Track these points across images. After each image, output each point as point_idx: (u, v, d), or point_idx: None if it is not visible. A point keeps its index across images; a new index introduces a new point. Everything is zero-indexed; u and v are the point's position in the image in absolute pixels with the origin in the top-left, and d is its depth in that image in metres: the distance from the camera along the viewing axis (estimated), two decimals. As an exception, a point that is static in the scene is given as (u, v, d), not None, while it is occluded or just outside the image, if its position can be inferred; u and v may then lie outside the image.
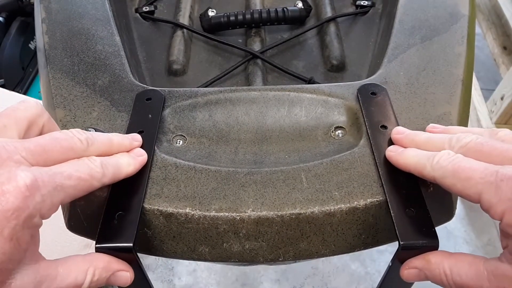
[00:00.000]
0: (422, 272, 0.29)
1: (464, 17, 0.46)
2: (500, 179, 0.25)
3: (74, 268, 0.28)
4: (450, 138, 0.31)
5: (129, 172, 0.32)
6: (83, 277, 0.28)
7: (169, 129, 0.38)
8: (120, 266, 0.29)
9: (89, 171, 0.28)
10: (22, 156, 0.26)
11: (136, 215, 0.31)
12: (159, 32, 0.54)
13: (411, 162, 0.31)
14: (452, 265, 0.28)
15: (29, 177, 0.25)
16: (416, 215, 0.30)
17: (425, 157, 0.30)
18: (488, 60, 1.52)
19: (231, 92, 0.40)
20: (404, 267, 0.30)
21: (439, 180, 0.29)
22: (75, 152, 0.29)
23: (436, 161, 0.29)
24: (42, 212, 0.25)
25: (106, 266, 0.29)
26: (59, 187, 0.26)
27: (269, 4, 0.59)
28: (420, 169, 0.30)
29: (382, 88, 0.40)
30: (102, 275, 0.29)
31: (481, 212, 0.28)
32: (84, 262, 0.28)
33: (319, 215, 0.32)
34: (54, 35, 0.44)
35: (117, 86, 0.40)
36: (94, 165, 0.29)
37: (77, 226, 0.35)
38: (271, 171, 0.34)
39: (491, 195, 0.26)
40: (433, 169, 0.29)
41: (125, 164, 0.32)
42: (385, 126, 0.36)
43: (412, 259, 0.30)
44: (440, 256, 0.29)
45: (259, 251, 0.33)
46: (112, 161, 0.31)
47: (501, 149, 0.28)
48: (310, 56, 0.52)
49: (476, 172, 0.27)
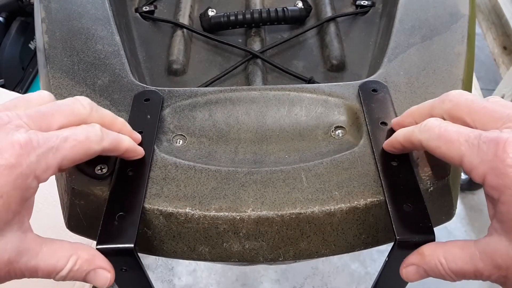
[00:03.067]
0: (421, 268, 0.29)
1: (464, 17, 0.46)
2: (482, 141, 0.25)
3: (58, 252, 0.27)
4: (440, 96, 0.31)
5: (130, 147, 0.32)
6: (64, 263, 0.27)
7: (169, 128, 0.38)
8: (104, 264, 0.29)
9: (87, 134, 0.28)
10: (23, 122, 0.26)
11: (137, 215, 0.31)
12: (159, 32, 0.54)
13: (401, 134, 0.32)
14: (446, 253, 0.28)
15: (24, 137, 0.25)
16: (413, 210, 0.30)
17: (413, 127, 0.31)
18: (488, 60, 1.52)
19: (231, 91, 0.40)
20: (402, 266, 0.30)
21: (425, 143, 0.29)
22: (77, 116, 0.29)
23: (424, 125, 0.29)
24: (37, 173, 0.25)
25: (89, 259, 0.28)
26: (54, 149, 0.26)
27: (269, 4, 0.59)
28: (408, 136, 0.31)
29: (383, 85, 0.40)
30: (83, 267, 0.28)
31: (481, 212, 0.28)
32: (70, 249, 0.28)
33: (319, 214, 0.32)
34: (54, 34, 0.44)
35: (117, 86, 0.40)
36: (92, 128, 0.29)
37: (77, 226, 0.35)
38: (271, 170, 0.34)
39: (473, 157, 0.26)
40: (420, 132, 0.29)
41: (126, 139, 0.32)
42: (385, 123, 0.36)
43: (408, 257, 0.29)
44: (433, 247, 0.28)
45: (259, 251, 0.33)
46: (113, 132, 0.31)
47: (489, 108, 0.27)
48: (310, 56, 0.52)
49: (461, 135, 0.27)
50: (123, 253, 0.29)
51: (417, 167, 0.34)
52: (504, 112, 0.27)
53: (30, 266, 0.26)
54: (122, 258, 0.29)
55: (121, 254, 0.29)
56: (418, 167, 0.34)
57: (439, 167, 0.34)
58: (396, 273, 0.31)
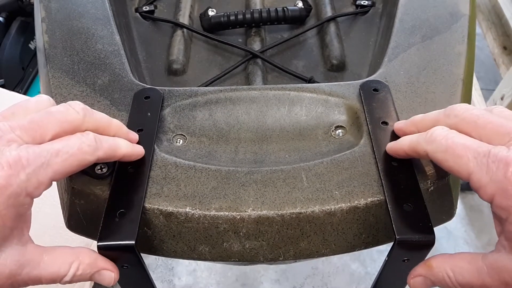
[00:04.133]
0: (428, 279, 0.29)
1: (465, 17, 0.46)
2: (491, 160, 0.25)
3: (59, 259, 0.28)
4: (445, 110, 0.31)
5: (127, 153, 0.32)
6: (66, 269, 0.28)
7: (169, 128, 0.38)
8: (107, 265, 0.29)
9: (79, 145, 0.28)
10: (16, 135, 0.26)
11: (138, 213, 0.31)
12: (159, 32, 0.54)
13: (406, 142, 0.32)
14: (453, 266, 0.28)
15: (13, 156, 0.25)
16: (413, 210, 0.30)
17: (419, 135, 0.30)
18: (488, 60, 1.52)
19: (231, 91, 0.40)
20: (410, 276, 0.30)
21: (431, 154, 0.29)
22: (71, 123, 0.29)
23: (430, 134, 0.29)
24: (29, 190, 0.25)
25: (91, 263, 0.28)
26: (45, 165, 0.26)
27: (269, 4, 0.59)
28: (413, 146, 0.31)
29: (384, 84, 0.39)
30: (86, 271, 0.28)
31: (481, 212, 0.28)
32: (71, 255, 0.28)
33: (319, 214, 0.32)
34: (54, 34, 0.44)
35: (117, 85, 0.40)
36: (86, 138, 0.28)
37: (77, 225, 0.35)
38: (272, 170, 0.34)
39: (481, 175, 0.26)
40: (426, 143, 0.29)
41: (123, 144, 0.31)
42: (386, 123, 0.36)
43: (416, 268, 0.30)
44: (441, 259, 0.29)
45: (259, 251, 0.33)
46: (108, 138, 0.30)
47: (496, 123, 0.27)
48: (310, 55, 0.52)
49: (469, 150, 0.26)
50: (124, 250, 0.29)
51: (418, 167, 0.34)
52: (510, 126, 0.27)
53: (33, 276, 0.27)
54: (123, 255, 0.29)
55: (122, 251, 0.29)
56: (419, 167, 0.34)
57: (439, 167, 0.34)
58: (396, 272, 0.31)
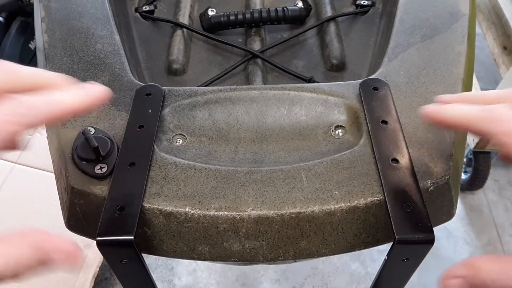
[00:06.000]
0: (466, 282, 0.26)
1: (465, 16, 0.46)
2: None
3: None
4: (506, 90, 0.27)
5: (76, 105, 0.25)
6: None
7: (169, 128, 0.38)
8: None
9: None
10: None
11: (137, 209, 0.31)
12: (159, 32, 0.54)
13: (459, 113, 0.27)
14: (501, 269, 0.25)
15: None
16: (413, 210, 0.30)
17: (477, 108, 0.26)
18: (488, 60, 1.52)
19: (231, 91, 0.40)
20: (445, 279, 0.27)
21: (493, 135, 0.25)
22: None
23: (494, 113, 0.25)
24: None
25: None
26: None
27: (269, 4, 0.59)
28: (469, 119, 0.26)
29: (384, 83, 0.39)
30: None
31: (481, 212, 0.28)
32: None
33: (319, 214, 0.32)
34: (53, 34, 0.44)
35: (116, 85, 0.40)
36: (4, 108, 0.23)
37: (77, 225, 0.35)
38: (271, 170, 0.34)
39: None
40: (488, 120, 0.25)
41: (64, 97, 0.25)
42: (386, 122, 0.36)
43: (454, 269, 0.26)
44: (490, 262, 0.26)
45: (259, 251, 0.33)
46: (35, 98, 0.24)
47: None
48: (310, 55, 0.52)
49: None
50: (123, 245, 0.29)
51: (417, 167, 0.34)
52: None
53: None
54: (122, 250, 0.30)
55: (121, 246, 0.29)
56: (419, 167, 0.34)
57: (439, 167, 0.34)
58: (395, 272, 0.31)
